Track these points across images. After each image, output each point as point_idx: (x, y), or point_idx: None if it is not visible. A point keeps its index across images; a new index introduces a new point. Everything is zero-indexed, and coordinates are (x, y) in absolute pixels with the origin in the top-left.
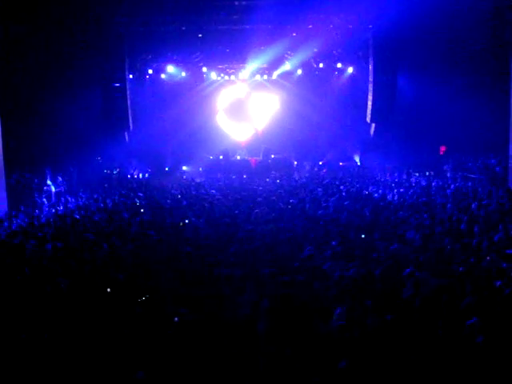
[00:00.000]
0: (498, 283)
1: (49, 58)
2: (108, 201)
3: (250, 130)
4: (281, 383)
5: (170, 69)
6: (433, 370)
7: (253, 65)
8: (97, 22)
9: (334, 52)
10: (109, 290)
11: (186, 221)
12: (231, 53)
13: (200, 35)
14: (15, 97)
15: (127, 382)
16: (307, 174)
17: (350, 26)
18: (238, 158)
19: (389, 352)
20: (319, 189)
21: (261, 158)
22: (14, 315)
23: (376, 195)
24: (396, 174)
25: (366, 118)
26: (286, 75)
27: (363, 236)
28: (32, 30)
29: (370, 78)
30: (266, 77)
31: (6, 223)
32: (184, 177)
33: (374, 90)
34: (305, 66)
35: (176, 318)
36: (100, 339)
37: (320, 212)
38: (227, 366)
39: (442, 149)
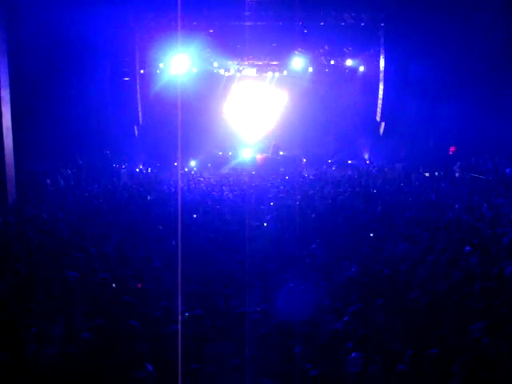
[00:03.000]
0: None
1: (60, 52)
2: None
3: (259, 126)
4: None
5: (181, 64)
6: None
7: (263, 61)
8: (108, 16)
9: (345, 50)
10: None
11: (194, 215)
12: (242, 49)
13: (211, 30)
14: (25, 90)
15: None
16: (315, 172)
17: (362, 24)
18: (247, 154)
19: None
20: (328, 186)
21: (270, 154)
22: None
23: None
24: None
25: (375, 116)
26: (297, 72)
27: (371, 235)
28: (43, 25)
29: (381, 77)
30: (276, 73)
31: (14, 214)
32: (192, 172)
33: (384, 88)
34: (315, 63)
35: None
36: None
37: (328, 209)
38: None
39: (452, 149)
